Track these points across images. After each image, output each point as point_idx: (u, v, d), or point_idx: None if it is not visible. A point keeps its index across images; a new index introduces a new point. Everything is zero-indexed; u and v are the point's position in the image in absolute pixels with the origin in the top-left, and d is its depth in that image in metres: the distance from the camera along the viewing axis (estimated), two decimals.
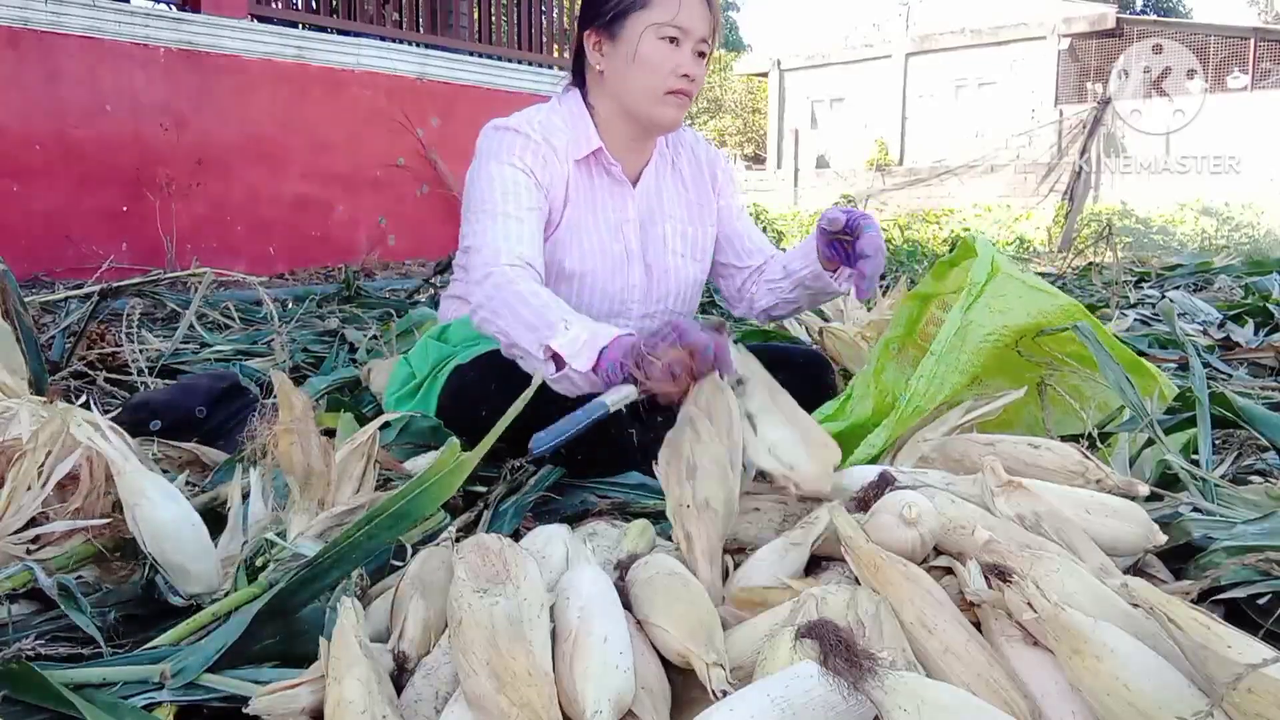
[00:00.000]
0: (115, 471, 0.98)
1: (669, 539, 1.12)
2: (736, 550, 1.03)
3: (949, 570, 0.90)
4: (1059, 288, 1.46)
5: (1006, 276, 1.36)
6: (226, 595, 0.98)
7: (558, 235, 1.61)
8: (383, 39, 6.50)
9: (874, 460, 1.33)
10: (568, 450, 1.35)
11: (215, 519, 1.22)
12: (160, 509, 0.97)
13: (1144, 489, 1.04)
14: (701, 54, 1.58)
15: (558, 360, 1.30)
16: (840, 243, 1.58)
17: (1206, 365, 2.21)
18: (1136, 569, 0.99)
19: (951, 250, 1.61)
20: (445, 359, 1.67)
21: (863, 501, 1.00)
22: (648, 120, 1.61)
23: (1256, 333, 2.86)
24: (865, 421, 1.45)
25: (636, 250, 1.69)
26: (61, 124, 4.88)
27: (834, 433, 1.43)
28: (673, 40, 1.54)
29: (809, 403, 1.69)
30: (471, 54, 6.97)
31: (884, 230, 7.84)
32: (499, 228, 1.50)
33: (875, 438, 1.35)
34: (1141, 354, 1.59)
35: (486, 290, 1.43)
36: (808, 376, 1.69)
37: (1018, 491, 0.97)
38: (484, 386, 1.45)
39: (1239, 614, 0.89)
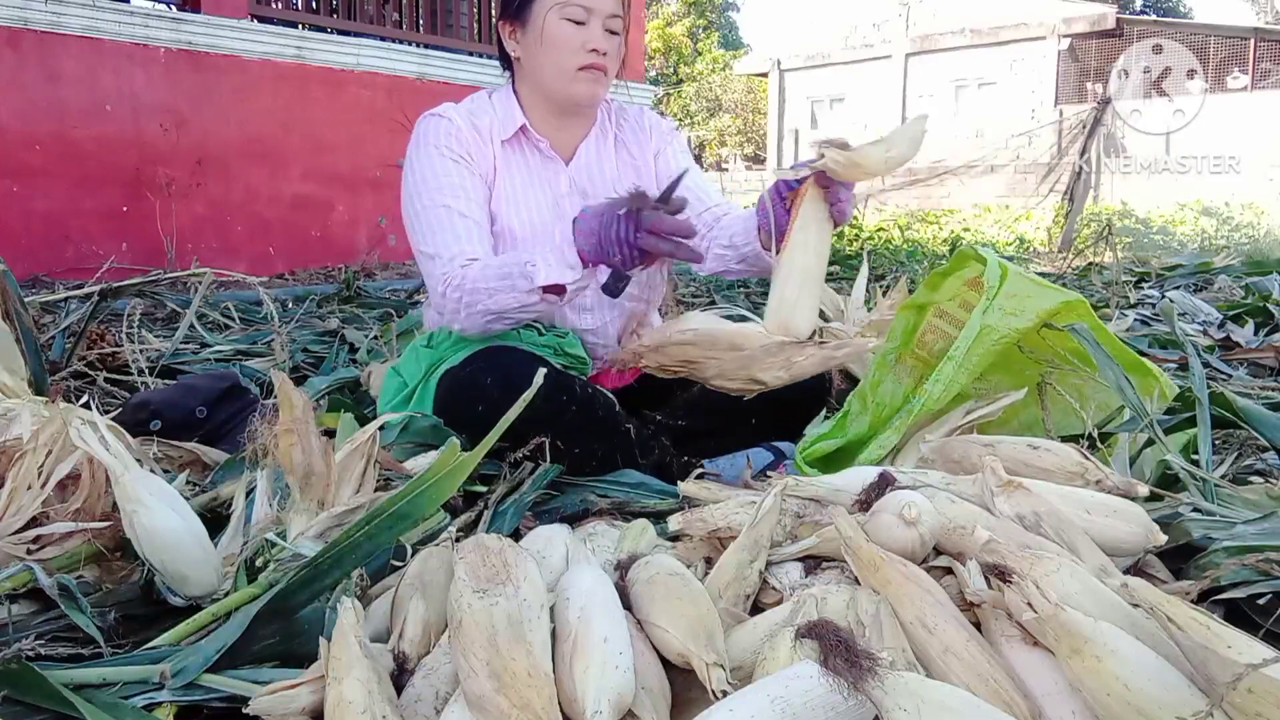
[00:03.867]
0: (114, 478, 0.98)
1: (669, 539, 1.12)
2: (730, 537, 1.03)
3: (949, 570, 0.90)
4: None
5: (1018, 275, 1.37)
6: (226, 595, 0.98)
7: (498, 207, 1.65)
8: (383, 39, 6.50)
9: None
10: (565, 446, 1.37)
11: (216, 518, 1.22)
12: (159, 517, 0.97)
13: (1144, 489, 1.04)
14: (613, 30, 1.61)
15: (553, 289, 1.43)
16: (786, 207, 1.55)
17: (1206, 365, 2.21)
18: (1136, 569, 0.99)
19: (951, 251, 1.62)
20: (435, 364, 1.67)
21: (863, 502, 1.00)
22: (564, 98, 1.65)
23: (1256, 333, 2.87)
24: (862, 437, 1.46)
25: None
26: (61, 124, 4.88)
27: (831, 450, 1.47)
28: (578, 19, 1.57)
29: (806, 398, 1.70)
30: (471, 54, 6.97)
31: (883, 230, 7.86)
32: (450, 229, 1.58)
33: (886, 439, 1.37)
34: (1141, 354, 1.59)
35: (451, 300, 1.53)
36: None
37: (1018, 491, 0.97)
38: (478, 384, 1.45)
39: (1239, 614, 0.90)
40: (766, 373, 1.36)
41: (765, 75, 19.94)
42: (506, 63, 1.72)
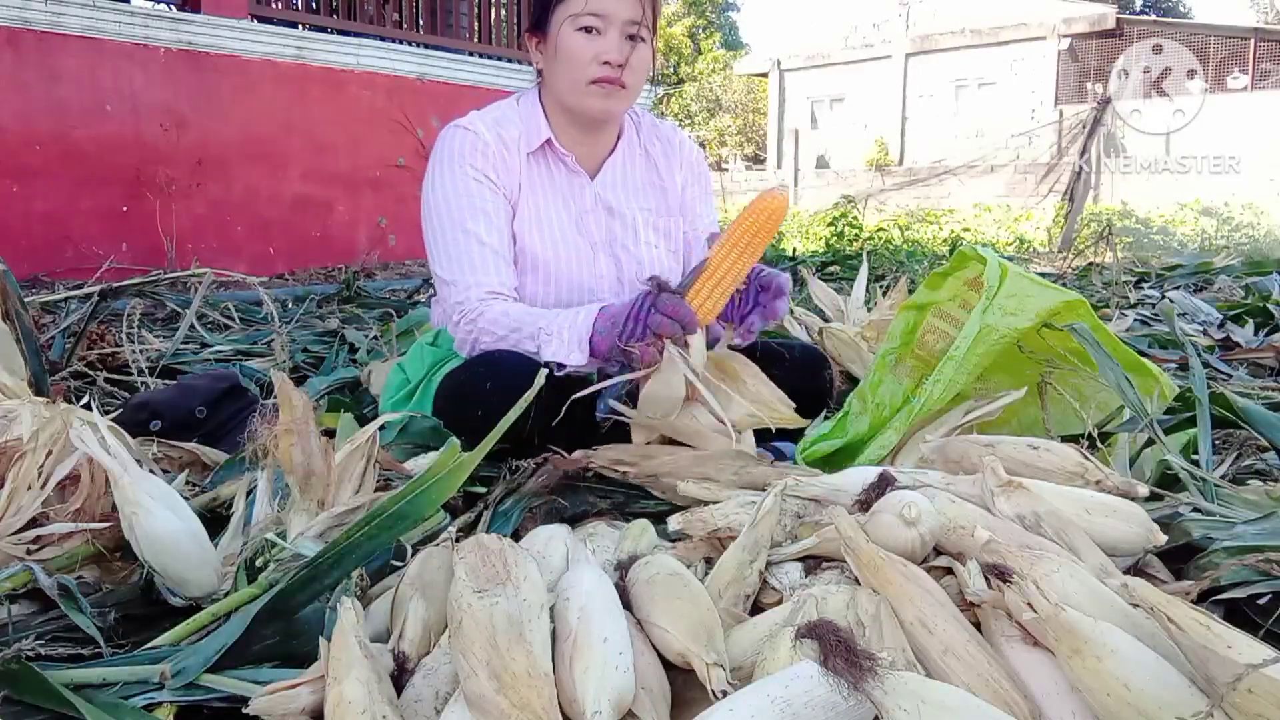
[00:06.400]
0: (113, 480, 0.98)
1: (669, 539, 1.12)
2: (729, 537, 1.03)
3: (949, 570, 0.90)
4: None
5: (1017, 275, 1.37)
6: (226, 595, 0.98)
7: (521, 226, 1.63)
8: (383, 39, 6.50)
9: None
10: (568, 448, 1.37)
11: (216, 519, 1.22)
12: (158, 520, 0.97)
13: (1144, 490, 1.04)
14: (633, 36, 1.55)
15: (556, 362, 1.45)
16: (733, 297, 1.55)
17: (1206, 365, 2.21)
18: (1136, 569, 0.99)
19: (951, 251, 1.63)
20: (438, 363, 1.67)
21: (863, 502, 1.00)
22: (578, 112, 1.62)
23: (1256, 333, 2.87)
24: (862, 438, 1.46)
25: (601, 240, 1.69)
26: (61, 124, 4.88)
27: (832, 450, 1.47)
28: (591, 28, 1.53)
29: (805, 398, 1.70)
30: (471, 54, 6.98)
31: (883, 230, 7.87)
32: (467, 257, 1.57)
33: (886, 439, 1.37)
34: (1141, 354, 1.60)
35: (462, 330, 1.57)
36: (804, 372, 1.69)
37: (1018, 491, 0.97)
38: (478, 387, 1.45)
39: (1239, 614, 0.90)
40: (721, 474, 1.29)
41: (765, 75, 19.95)
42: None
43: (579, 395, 1.38)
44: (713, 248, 1.45)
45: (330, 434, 1.27)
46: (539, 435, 1.35)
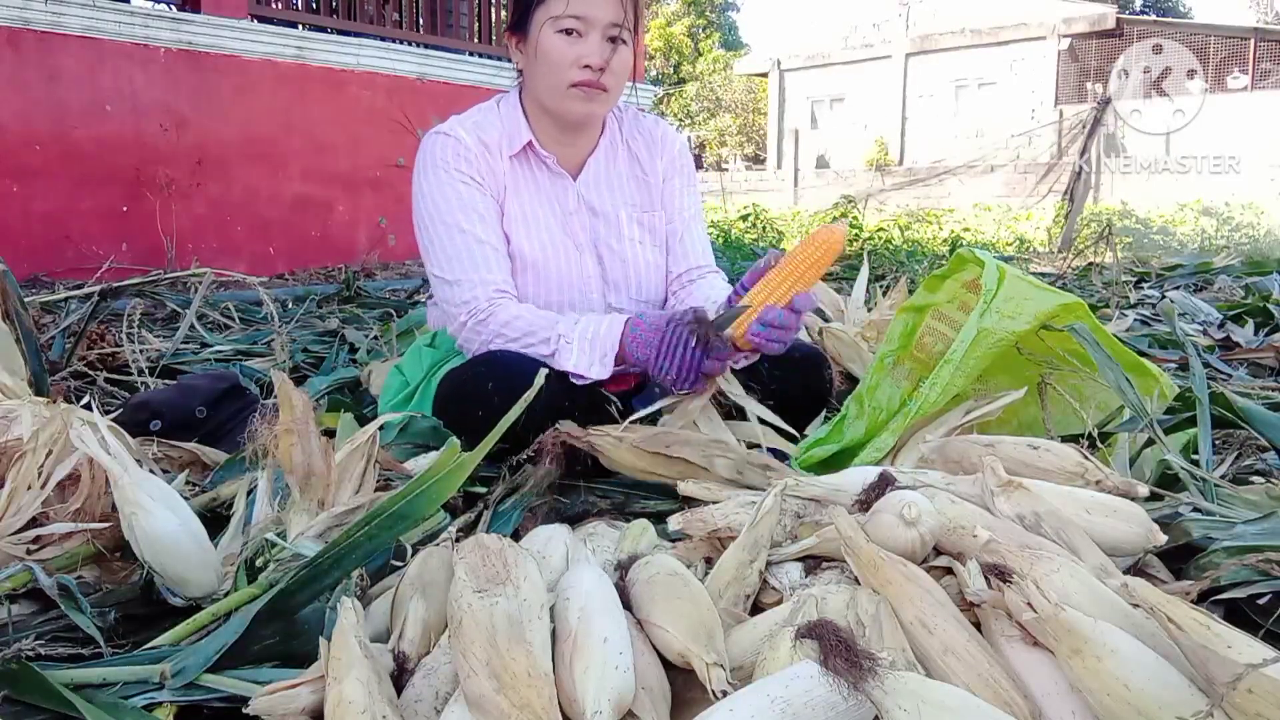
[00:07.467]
0: (113, 481, 0.98)
1: (669, 539, 1.12)
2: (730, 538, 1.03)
3: (949, 570, 0.90)
4: (1059, 288, 1.47)
5: (1015, 278, 1.36)
6: (226, 595, 0.98)
7: (510, 228, 1.63)
8: (383, 39, 6.49)
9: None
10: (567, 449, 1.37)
11: (216, 519, 1.22)
12: (158, 520, 0.97)
13: (1143, 490, 1.04)
14: (615, 39, 1.54)
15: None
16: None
17: (1206, 365, 2.21)
18: (1136, 569, 0.99)
19: (951, 251, 1.63)
20: (437, 365, 1.67)
21: (863, 502, 1.00)
22: (558, 114, 1.62)
23: (1256, 333, 2.87)
24: (859, 443, 1.46)
25: (585, 241, 1.69)
26: (61, 124, 4.88)
27: (828, 455, 1.47)
28: (572, 31, 1.52)
29: (806, 398, 1.70)
30: (471, 54, 6.97)
31: (883, 230, 7.87)
32: (468, 255, 1.56)
33: (882, 442, 1.37)
34: (1141, 354, 1.59)
35: (469, 332, 1.56)
36: (805, 372, 1.69)
37: (1018, 491, 0.97)
38: (478, 388, 1.45)
39: (1239, 614, 0.90)
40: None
41: (765, 75, 19.96)
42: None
43: (635, 417, 1.41)
44: (764, 277, 1.47)
45: (330, 434, 1.27)
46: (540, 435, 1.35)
